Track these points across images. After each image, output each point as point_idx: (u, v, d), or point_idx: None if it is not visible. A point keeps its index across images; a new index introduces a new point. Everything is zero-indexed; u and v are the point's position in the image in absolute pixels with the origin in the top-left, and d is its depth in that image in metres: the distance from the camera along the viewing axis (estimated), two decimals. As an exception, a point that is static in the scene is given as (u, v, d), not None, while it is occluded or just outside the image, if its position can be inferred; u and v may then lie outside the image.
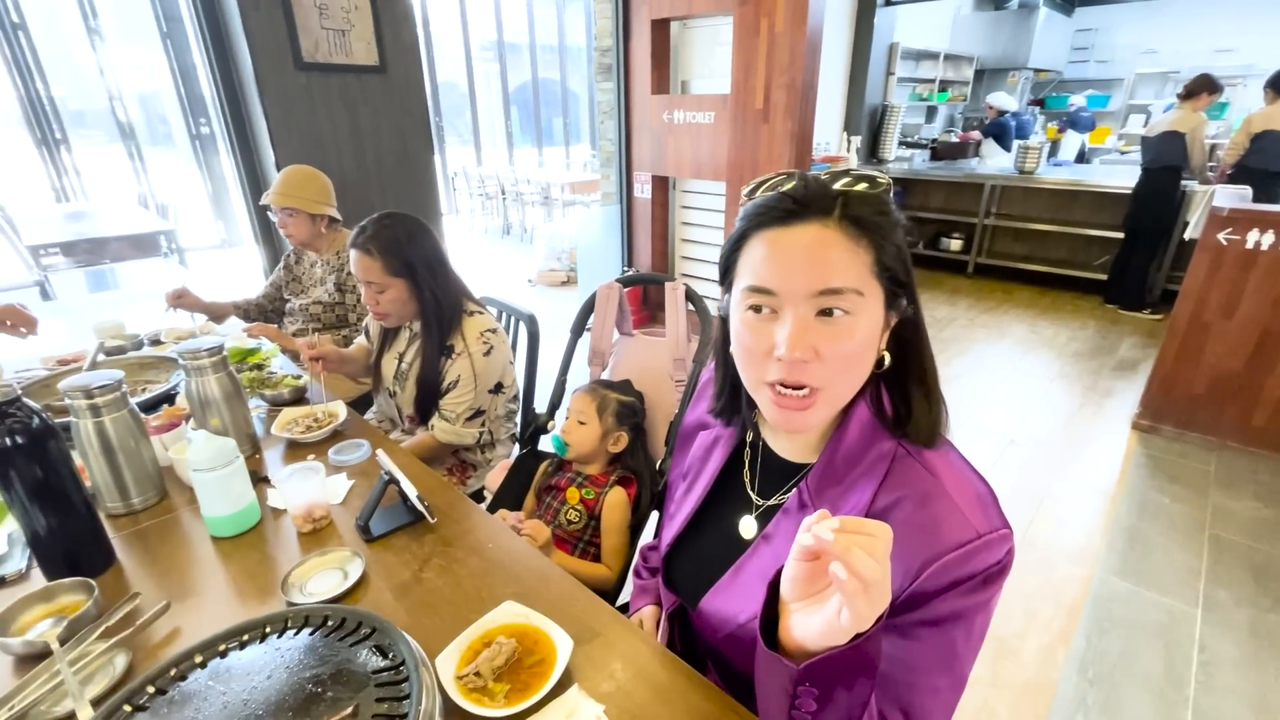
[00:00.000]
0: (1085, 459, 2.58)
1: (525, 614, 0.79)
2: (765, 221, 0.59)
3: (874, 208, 0.58)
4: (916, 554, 0.56)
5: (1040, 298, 4.66)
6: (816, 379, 0.58)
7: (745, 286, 0.60)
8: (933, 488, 0.59)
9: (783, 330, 0.57)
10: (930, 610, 0.56)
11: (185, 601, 0.86)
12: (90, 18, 5.21)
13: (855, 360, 0.59)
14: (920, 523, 0.57)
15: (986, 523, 0.57)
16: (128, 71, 5.50)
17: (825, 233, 0.57)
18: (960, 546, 0.55)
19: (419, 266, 1.32)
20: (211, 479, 0.94)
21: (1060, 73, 8.04)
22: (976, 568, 0.55)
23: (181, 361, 1.13)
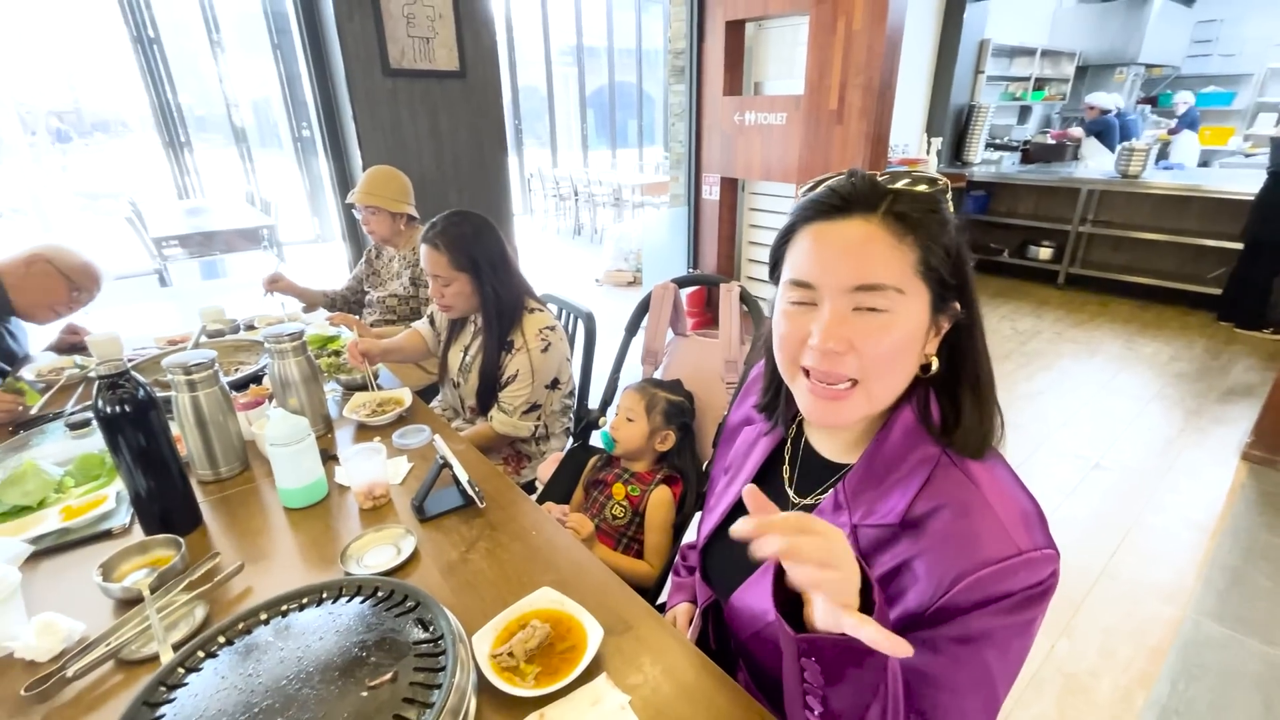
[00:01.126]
0: (1183, 489, 2.36)
1: (560, 601, 0.81)
2: (811, 215, 0.60)
3: (923, 206, 0.57)
4: (951, 566, 0.54)
5: (1141, 312, 4.30)
6: (853, 371, 0.58)
7: (787, 280, 0.61)
8: (974, 499, 0.56)
9: (818, 320, 0.57)
10: (961, 626, 0.54)
11: (257, 564, 0.94)
12: (214, 31, 5.73)
13: (892, 359, 0.58)
14: (958, 534, 0.55)
15: (1029, 540, 0.54)
16: (243, 79, 6.00)
17: (868, 228, 0.57)
18: (999, 562, 0.53)
19: (482, 263, 1.38)
20: (285, 454, 1.02)
21: (1177, 68, 7.38)
22: (1014, 586, 0.53)
23: (266, 345, 1.23)
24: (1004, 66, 6.01)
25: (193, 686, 0.66)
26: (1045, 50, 6.20)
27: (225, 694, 0.65)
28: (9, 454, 1.19)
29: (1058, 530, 1.99)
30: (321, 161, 2.70)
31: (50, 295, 1.56)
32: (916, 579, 0.56)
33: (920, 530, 0.57)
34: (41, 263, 1.54)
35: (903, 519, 0.58)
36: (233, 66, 5.98)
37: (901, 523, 0.59)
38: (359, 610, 0.76)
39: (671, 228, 4.18)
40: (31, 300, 1.55)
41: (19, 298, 1.54)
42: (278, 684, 0.65)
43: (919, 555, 0.57)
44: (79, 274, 1.59)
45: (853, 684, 0.48)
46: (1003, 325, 4.06)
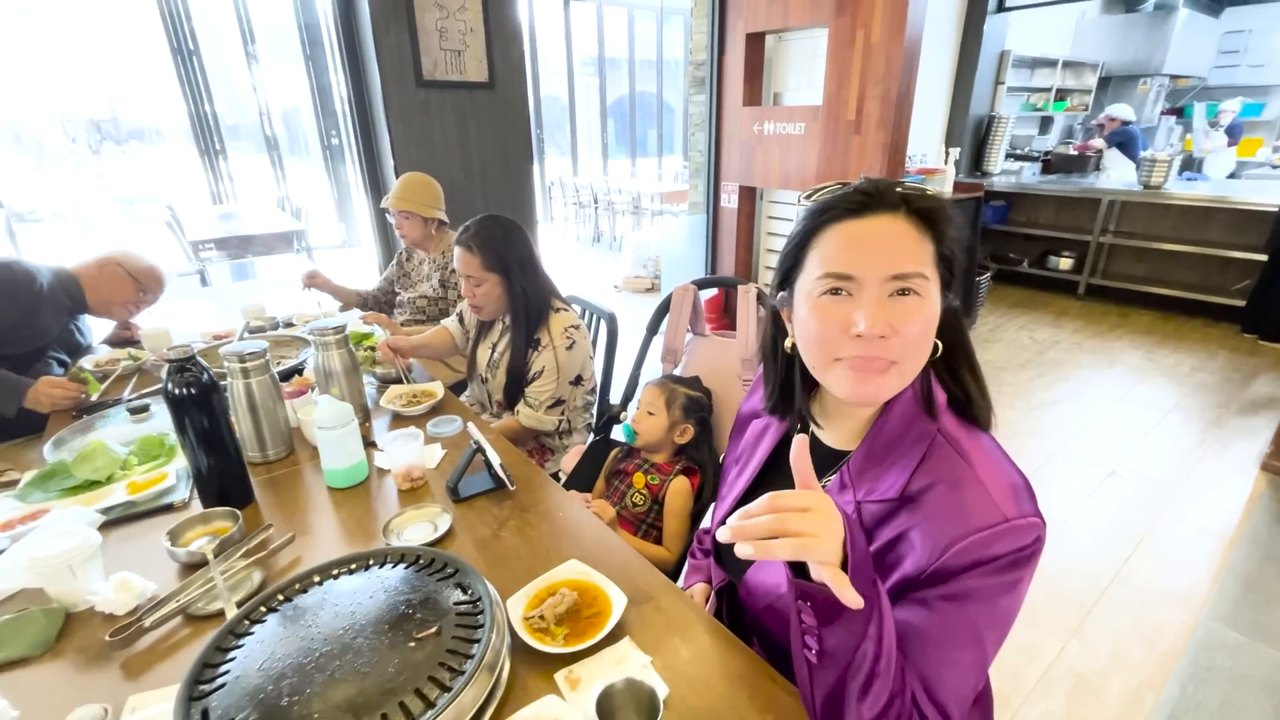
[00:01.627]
0: (1200, 498, 2.36)
1: (587, 572, 0.87)
2: (835, 216, 0.65)
3: (936, 205, 0.64)
4: (944, 534, 0.59)
5: (1163, 323, 4.27)
6: (893, 353, 0.62)
7: (821, 274, 0.64)
8: (965, 474, 0.62)
9: (862, 309, 0.61)
10: (953, 586, 0.59)
11: (305, 536, 1.02)
12: (249, 43, 5.94)
13: (924, 338, 0.64)
14: (950, 505, 0.61)
15: (1015, 509, 0.59)
16: (275, 90, 6.21)
17: (896, 223, 0.63)
18: (986, 529, 0.58)
19: (512, 264, 1.46)
20: (331, 436, 1.10)
21: (1204, 78, 7.31)
22: (1001, 550, 0.58)
23: (311, 338, 1.32)
24: (1025, 78, 6.02)
25: (258, 635, 0.74)
26: (1067, 61, 6.20)
27: (288, 641, 0.72)
28: (76, 435, 1.29)
29: (1070, 536, 2.03)
30: (353, 168, 2.81)
31: (120, 294, 1.70)
32: (913, 547, 0.62)
33: (917, 504, 0.63)
34: (113, 265, 1.67)
35: (901, 493, 0.64)
36: (266, 77, 6.19)
37: (900, 497, 0.64)
38: (403, 575, 0.83)
39: (690, 235, 4.25)
40: (103, 298, 1.69)
41: (93, 296, 1.68)
42: (334, 634, 0.72)
43: (915, 526, 0.62)
44: (145, 276, 1.72)
45: (843, 625, 0.54)
46: (1020, 335, 4.07)
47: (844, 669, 0.55)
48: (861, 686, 0.55)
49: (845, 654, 0.55)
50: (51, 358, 1.65)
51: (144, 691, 0.74)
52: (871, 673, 0.55)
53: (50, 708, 0.70)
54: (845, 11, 3.04)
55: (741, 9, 3.53)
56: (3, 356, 1.51)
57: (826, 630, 0.54)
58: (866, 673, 0.55)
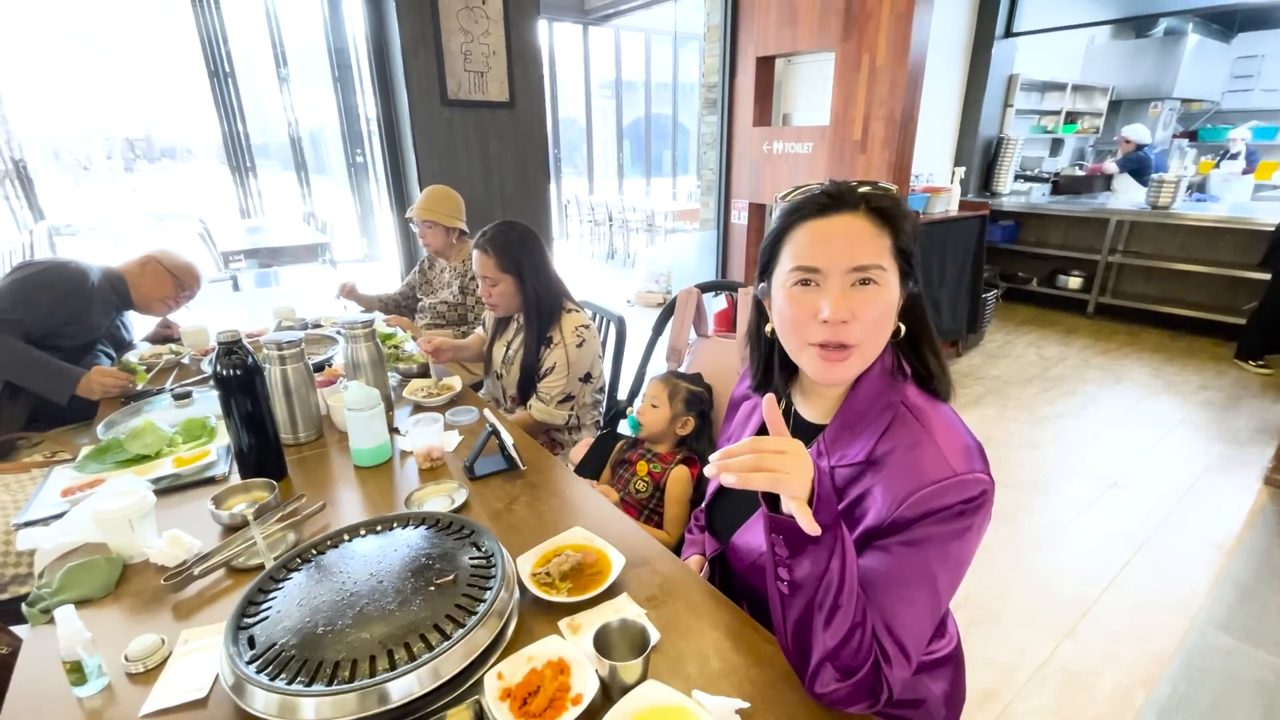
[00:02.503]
0: (1201, 510, 2.38)
1: (589, 538, 0.96)
2: (805, 215, 0.74)
3: (892, 203, 0.73)
4: (902, 487, 0.67)
5: (1171, 342, 4.28)
6: (853, 337, 0.70)
7: (792, 267, 0.73)
8: (922, 437, 0.70)
9: (827, 298, 0.70)
10: (909, 534, 0.67)
11: (335, 506, 1.11)
12: (281, 66, 6.21)
13: (883, 322, 0.72)
14: (907, 463, 0.69)
15: (965, 465, 0.67)
16: (304, 111, 6.49)
17: (855, 220, 0.72)
18: (937, 482, 0.66)
19: (525, 266, 1.57)
20: (360, 418, 1.20)
21: (1216, 102, 7.35)
22: (950, 501, 0.66)
23: (342, 331, 1.42)
24: (1035, 101, 6.10)
25: (295, 580, 0.83)
26: (1077, 85, 6.28)
27: (321, 585, 0.81)
28: (127, 418, 1.40)
29: (1070, 543, 2.08)
30: (378, 183, 2.96)
31: (161, 290, 1.82)
32: (876, 501, 0.70)
33: (880, 465, 0.71)
34: (154, 263, 1.79)
35: (868, 457, 0.72)
36: (296, 99, 6.46)
37: (866, 460, 0.72)
38: (424, 534, 0.92)
39: (701, 250, 4.36)
40: (145, 295, 1.81)
41: (136, 293, 1.80)
42: (362, 579, 0.81)
43: (878, 484, 0.71)
44: (183, 273, 1.84)
45: (810, 556, 0.62)
46: (1028, 351, 4.10)
47: (811, 597, 0.63)
48: (826, 616, 0.63)
49: (812, 583, 0.63)
50: (100, 351, 1.77)
51: (194, 628, 0.83)
52: (835, 604, 0.63)
53: (114, 637, 0.80)
54: (851, 36, 3.16)
55: (752, 34, 3.67)
56: (57, 349, 1.63)
57: (795, 561, 0.62)
58: (830, 603, 0.63)
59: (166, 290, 1.82)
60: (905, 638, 0.66)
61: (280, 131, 6.45)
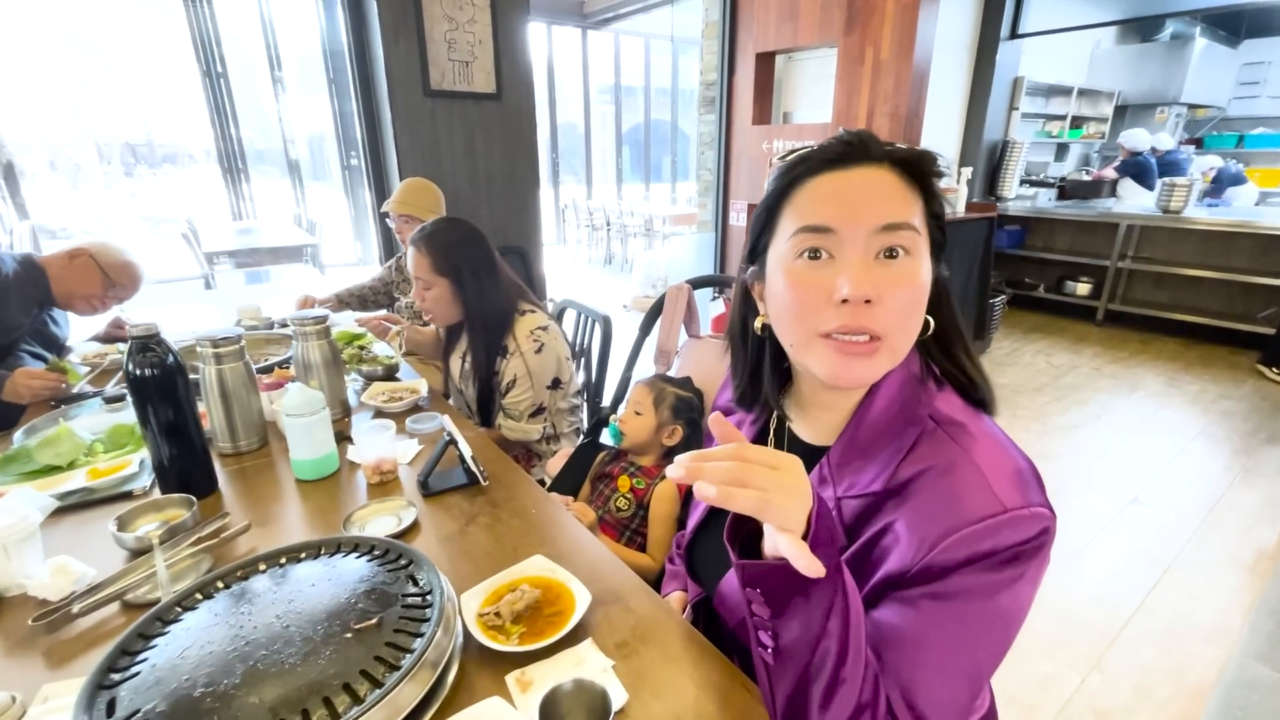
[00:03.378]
0: (1228, 528, 2.23)
1: (552, 569, 0.81)
2: (813, 168, 0.58)
3: (920, 155, 0.58)
4: (934, 525, 0.52)
5: (1186, 350, 4.14)
6: (879, 325, 0.54)
7: (797, 229, 0.56)
8: (959, 458, 0.55)
9: (845, 271, 0.54)
10: (942, 584, 0.52)
11: (265, 526, 0.97)
12: (275, 70, 6.11)
13: (915, 307, 0.56)
14: (941, 493, 0.54)
15: (1018, 497, 0.52)
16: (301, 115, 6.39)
17: (881, 173, 0.56)
18: (983, 520, 0.51)
19: (464, 270, 1.39)
20: (300, 424, 1.05)
21: (1223, 108, 7.24)
22: (999, 544, 0.51)
23: (291, 328, 1.28)
24: (1040, 104, 5.99)
25: (187, 622, 0.68)
26: (1083, 89, 6.17)
27: (216, 630, 0.66)
28: (48, 423, 1.26)
29: (1090, 565, 1.90)
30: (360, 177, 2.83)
31: (86, 288, 1.61)
32: (898, 540, 0.55)
33: (903, 494, 0.56)
34: (85, 257, 1.60)
35: (886, 485, 0.57)
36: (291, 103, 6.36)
37: (885, 489, 0.57)
38: (354, 564, 0.77)
39: (699, 252, 4.23)
40: (68, 290, 1.60)
41: (58, 288, 1.59)
42: (266, 623, 0.66)
43: (901, 518, 0.55)
44: (118, 271, 1.64)
45: (800, 617, 0.47)
46: (1037, 359, 3.96)
47: (804, 669, 0.48)
48: (824, 694, 0.48)
49: (804, 651, 0.48)
50: (24, 351, 1.60)
51: (63, 680, 0.68)
52: (835, 677, 0.48)
53: (-42, 694, 0.65)
54: (855, 30, 3.04)
55: (752, 30, 3.56)
56: None
57: (781, 623, 0.47)
58: (829, 676, 0.48)
59: (93, 288, 1.61)
60: (930, 713, 0.51)
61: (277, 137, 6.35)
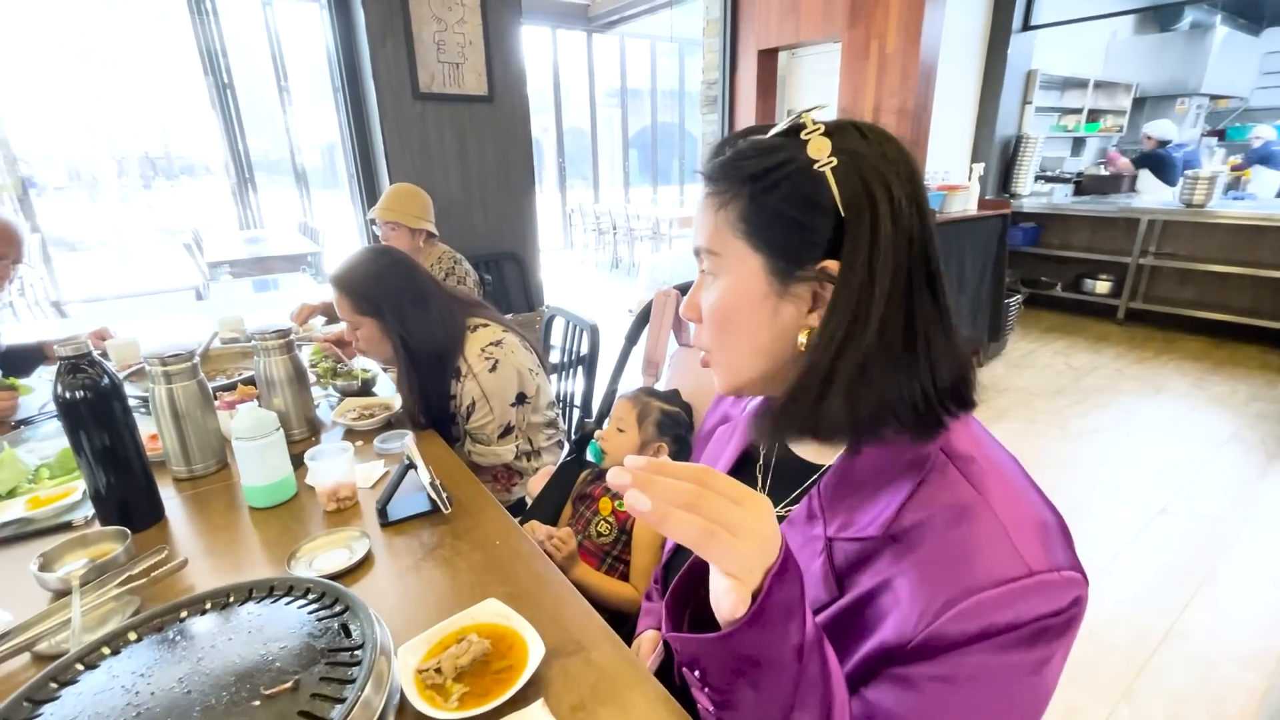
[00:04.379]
0: (1266, 540, 2.09)
1: (506, 615, 0.72)
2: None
3: (742, 155, 0.51)
4: (941, 587, 0.43)
5: (1214, 350, 3.97)
6: (702, 343, 0.58)
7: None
8: (973, 504, 0.45)
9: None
10: (951, 663, 0.42)
11: (207, 560, 0.89)
12: (282, 78, 6.12)
13: (723, 322, 0.55)
14: (952, 547, 0.44)
15: (1045, 558, 0.43)
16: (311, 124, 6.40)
17: (704, 193, 0.55)
18: (1003, 584, 0.42)
19: (385, 306, 1.27)
20: (250, 448, 0.98)
21: (1245, 99, 7.02)
22: (1023, 616, 0.41)
23: (253, 343, 1.21)
24: (1055, 98, 5.83)
25: (82, 684, 0.60)
26: (1099, 82, 6.00)
27: (109, 695, 0.58)
28: None
29: (1117, 582, 1.76)
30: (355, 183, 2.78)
31: None
32: (898, 601, 0.45)
33: (907, 543, 0.47)
34: None
35: (887, 530, 0.48)
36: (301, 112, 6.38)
37: (885, 534, 0.48)
38: (282, 612, 0.69)
39: (703, 256, 4.14)
40: None
41: None
42: (167, 686, 0.58)
43: (903, 573, 0.46)
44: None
45: (750, 711, 0.38)
46: (1056, 360, 3.81)
47: None
48: None
49: None
50: None
51: (-54, 750, 0.60)
52: None
53: None
54: (859, 23, 2.94)
55: (753, 26, 3.47)
56: None
57: (729, 702, 0.38)
58: None
59: None
60: None
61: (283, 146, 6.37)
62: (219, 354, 1.70)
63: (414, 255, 2.06)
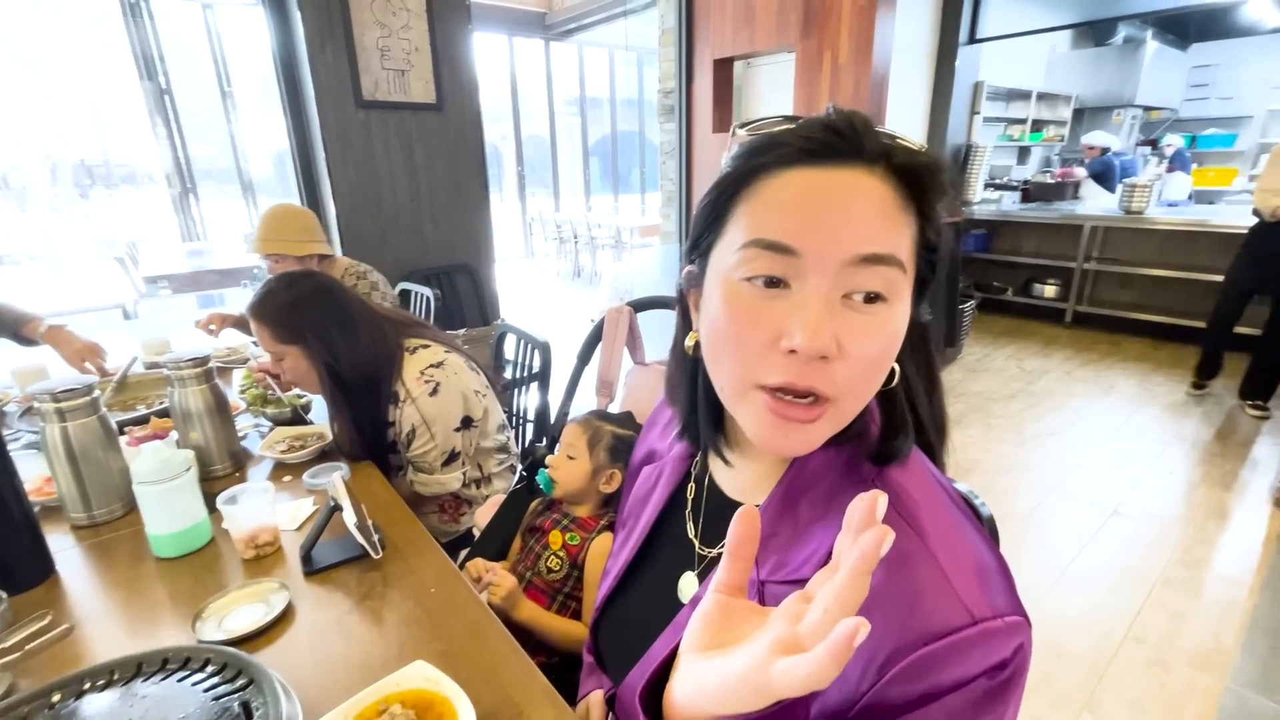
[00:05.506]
0: (1213, 539, 2.15)
1: (435, 680, 0.65)
2: (785, 158, 0.42)
3: (929, 164, 0.43)
4: (885, 640, 0.39)
5: (1154, 351, 4.12)
6: (831, 386, 0.41)
7: (748, 241, 0.42)
8: (913, 548, 0.41)
9: (802, 312, 0.40)
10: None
11: (100, 624, 0.79)
12: (225, 83, 5.87)
13: (880, 365, 0.43)
14: (892, 594, 0.40)
15: (986, 604, 0.39)
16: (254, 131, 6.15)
17: (872, 181, 0.41)
18: (946, 635, 0.38)
19: (310, 334, 1.19)
20: (154, 493, 0.88)
21: (1175, 110, 7.40)
22: (969, 671, 0.38)
23: (167, 371, 1.11)
24: (1001, 109, 6.03)
25: (-83, 798, 0.51)
26: (1041, 93, 6.23)
27: (-53, 811, 0.49)
28: None
29: (1075, 587, 1.76)
30: (297, 193, 2.65)
31: None
32: None
33: None
34: None
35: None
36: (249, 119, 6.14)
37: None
38: (174, 691, 0.60)
39: (664, 264, 4.11)
40: None
41: None
42: (20, 797, 0.50)
43: None
44: None
45: None
46: (1009, 364, 3.90)
47: None
48: None
49: None
50: None
51: None
52: None
53: None
54: (812, 34, 2.96)
55: (709, 36, 3.46)
56: None
57: None
58: None
59: None
60: None
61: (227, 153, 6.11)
62: (140, 381, 1.57)
63: None
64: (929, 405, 0.49)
